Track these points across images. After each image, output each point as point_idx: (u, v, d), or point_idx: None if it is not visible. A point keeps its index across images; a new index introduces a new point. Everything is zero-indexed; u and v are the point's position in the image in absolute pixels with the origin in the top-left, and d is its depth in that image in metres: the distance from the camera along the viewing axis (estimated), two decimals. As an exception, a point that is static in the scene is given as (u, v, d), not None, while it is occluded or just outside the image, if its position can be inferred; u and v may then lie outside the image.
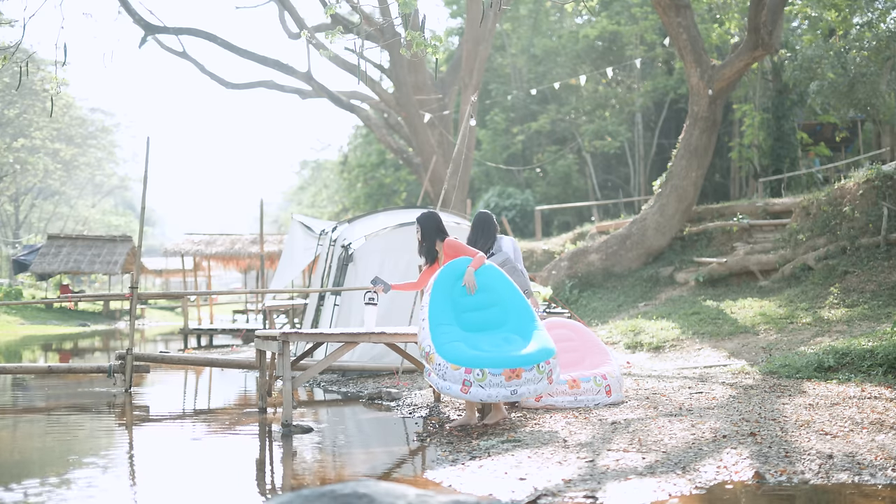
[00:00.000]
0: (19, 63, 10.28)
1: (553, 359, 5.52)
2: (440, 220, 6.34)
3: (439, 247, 6.24)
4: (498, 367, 5.36)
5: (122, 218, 54.74)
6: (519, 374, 5.38)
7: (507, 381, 5.35)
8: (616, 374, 6.45)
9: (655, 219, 15.18)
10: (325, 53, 14.52)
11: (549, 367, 5.49)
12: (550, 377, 5.49)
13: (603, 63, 25.85)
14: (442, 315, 5.70)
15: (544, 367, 5.45)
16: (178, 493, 4.26)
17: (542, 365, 5.43)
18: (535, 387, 5.43)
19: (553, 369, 5.51)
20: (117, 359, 8.31)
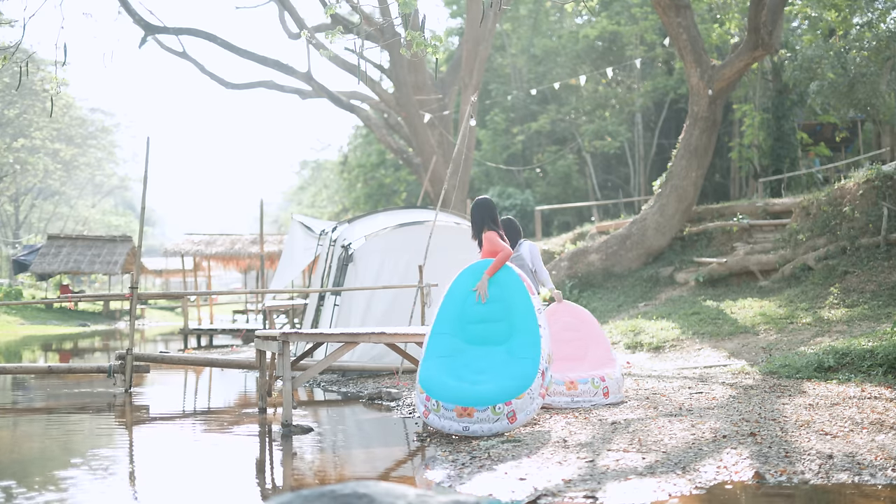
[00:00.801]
0: (19, 63, 10.28)
1: (518, 399, 5.26)
2: (488, 208, 6.03)
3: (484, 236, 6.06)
4: (451, 403, 5.31)
5: (122, 218, 54.74)
6: (471, 413, 5.28)
7: (459, 418, 5.30)
8: (615, 376, 6.45)
9: (655, 219, 15.18)
10: (325, 53, 14.52)
11: (510, 409, 5.24)
12: (513, 417, 5.24)
13: (603, 63, 25.86)
14: (445, 323, 5.68)
15: (501, 409, 5.23)
16: (178, 493, 4.26)
17: (498, 406, 5.23)
18: (490, 426, 5.27)
19: (516, 410, 5.25)
20: (117, 359, 8.31)
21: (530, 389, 5.31)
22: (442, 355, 5.58)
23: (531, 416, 5.35)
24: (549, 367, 5.57)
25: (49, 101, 34.62)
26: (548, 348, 5.54)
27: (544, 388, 5.47)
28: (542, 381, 5.43)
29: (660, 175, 16.26)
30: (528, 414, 5.33)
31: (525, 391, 5.29)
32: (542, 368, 5.43)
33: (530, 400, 5.32)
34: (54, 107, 25.62)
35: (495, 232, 5.93)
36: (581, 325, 6.85)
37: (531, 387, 5.32)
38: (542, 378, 5.42)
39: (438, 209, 9.66)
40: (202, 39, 20.84)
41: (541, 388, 5.41)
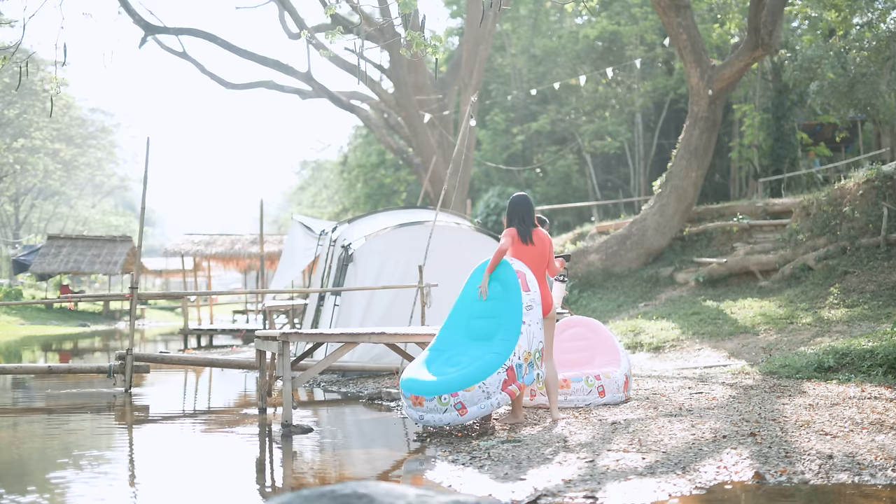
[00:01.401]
0: (19, 63, 10.28)
1: (467, 391, 5.30)
2: (518, 206, 5.92)
3: None
4: (407, 391, 5.53)
5: (122, 218, 54.73)
6: (421, 402, 5.44)
7: (414, 406, 5.49)
8: (614, 375, 6.44)
9: (655, 219, 15.18)
10: (325, 54, 14.53)
11: (458, 400, 5.31)
12: (462, 409, 5.32)
13: (603, 63, 25.85)
14: (454, 317, 5.89)
15: (447, 400, 5.32)
16: (178, 493, 4.26)
17: (444, 397, 5.32)
18: (441, 416, 5.36)
19: (465, 402, 5.31)
20: (117, 359, 8.31)
21: (483, 383, 5.31)
22: (435, 348, 5.79)
23: (487, 410, 5.36)
24: (531, 365, 5.52)
25: (49, 102, 34.60)
26: (528, 346, 5.50)
27: (518, 384, 5.45)
28: (510, 378, 5.40)
29: (660, 175, 16.25)
30: (483, 408, 5.34)
31: (475, 384, 5.30)
32: (511, 364, 5.41)
33: (483, 394, 5.32)
34: (54, 107, 25.62)
35: (511, 229, 5.90)
36: (591, 335, 6.88)
37: (485, 381, 5.32)
38: (507, 374, 5.39)
39: (438, 209, 9.66)
40: (202, 39, 20.85)
41: (509, 385, 5.41)
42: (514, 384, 5.44)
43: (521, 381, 5.49)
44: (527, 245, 5.83)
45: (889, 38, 15.92)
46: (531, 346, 5.53)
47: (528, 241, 5.83)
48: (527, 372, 5.51)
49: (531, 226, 5.89)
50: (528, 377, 5.52)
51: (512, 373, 5.42)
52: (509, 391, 5.42)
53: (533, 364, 5.55)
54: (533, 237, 5.86)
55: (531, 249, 5.83)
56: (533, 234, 5.87)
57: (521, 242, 5.83)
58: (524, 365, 5.49)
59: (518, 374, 5.46)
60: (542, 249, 5.87)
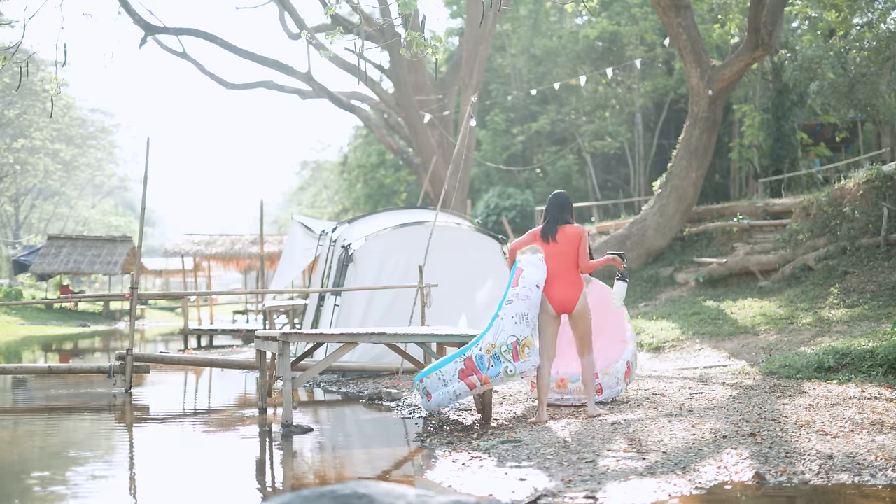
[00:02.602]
0: (19, 63, 10.29)
1: (428, 378, 5.76)
2: (549, 204, 6.06)
3: None
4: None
5: (122, 218, 54.72)
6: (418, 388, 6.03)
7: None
8: (614, 368, 6.42)
9: (655, 219, 15.18)
10: (325, 54, 14.51)
11: (424, 386, 5.84)
12: (428, 396, 5.82)
13: (603, 63, 25.84)
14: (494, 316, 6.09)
15: (419, 385, 5.89)
16: (178, 493, 4.26)
17: (417, 382, 5.92)
18: (420, 401, 5.91)
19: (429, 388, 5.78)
20: (117, 359, 8.31)
21: (440, 371, 5.69)
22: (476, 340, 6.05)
23: (446, 398, 5.73)
24: (495, 357, 5.53)
25: (49, 102, 34.58)
26: (494, 338, 5.53)
27: (480, 376, 5.55)
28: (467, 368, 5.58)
29: (660, 175, 16.25)
30: (443, 395, 5.72)
31: (433, 372, 5.73)
32: (471, 355, 5.59)
33: (440, 382, 5.68)
34: (54, 107, 25.61)
35: (537, 227, 6.06)
36: (602, 309, 6.78)
37: (442, 369, 5.69)
38: (464, 364, 5.59)
39: (438, 209, 9.66)
40: (202, 40, 20.85)
41: (468, 376, 5.58)
42: (475, 374, 5.56)
43: (485, 374, 5.54)
44: (548, 243, 5.88)
45: (889, 39, 15.92)
46: (497, 338, 5.53)
47: (551, 240, 5.88)
48: (491, 364, 5.52)
49: (558, 223, 5.93)
50: (493, 370, 5.53)
51: (470, 363, 5.57)
52: (468, 382, 5.59)
53: (498, 357, 5.51)
54: (558, 235, 5.89)
55: (553, 247, 5.87)
56: (559, 231, 5.89)
57: (543, 241, 5.92)
58: (486, 357, 5.52)
59: (479, 365, 5.54)
60: (568, 247, 5.85)
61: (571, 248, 5.86)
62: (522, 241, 6.00)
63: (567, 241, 5.86)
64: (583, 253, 5.86)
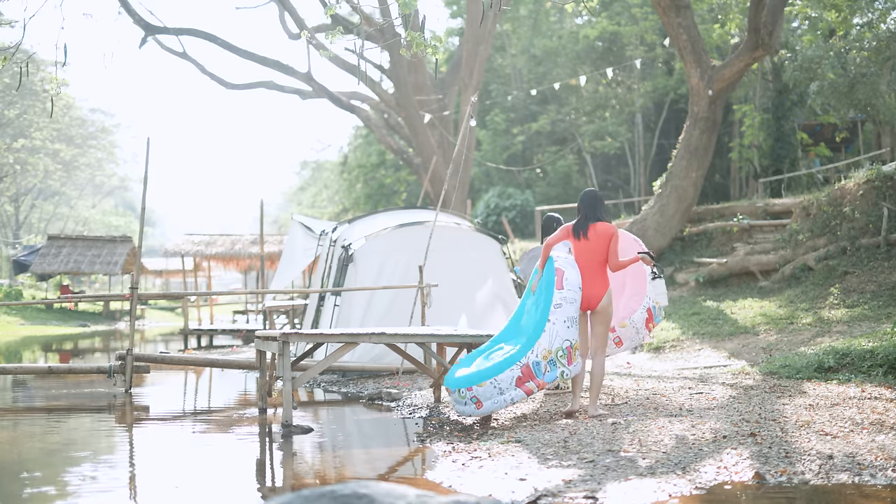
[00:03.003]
0: (19, 63, 10.28)
1: (479, 387, 5.49)
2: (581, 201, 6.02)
3: None
4: (444, 384, 5.91)
5: (122, 218, 54.70)
6: (448, 393, 5.84)
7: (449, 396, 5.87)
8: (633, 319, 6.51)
9: (655, 219, 15.17)
10: (325, 54, 14.51)
11: (472, 395, 5.53)
12: (478, 403, 5.53)
13: (603, 63, 25.83)
14: (517, 311, 6.14)
15: (465, 394, 5.57)
16: (178, 493, 4.26)
17: (462, 391, 5.58)
18: (463, 408, 5.63)
19: (479, 397, 5.52)
20: (117, 359, 8.31)
21: (495, 379, 5.49)
22: (493, 339, 6.08)
23: (501, 406, 5.53)
24: (552, 363, 5.54)
25: (49, 102, 34.54)
26: (549, 344, 5.54)
27: (536, 382, 5.51)
28: (525, 375, 5.49)
29: (660, 175, 16.25)
30: (497, 403, 5.52)
31: (487, 380, 5.50)
32: (528, 362, 5.50)
33: (495, 390, 5.49)
34: (54, 107, 25.61)
35: (568, 224, 6.05)
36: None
37: (497, 377, 5.49)
38: (521, 371, 5.49)
39: (438, 209, 9.66)
40: (202, 40, 20.86)
41: (525, 382, 5.50)
42: (532, 381, 5.52)
43: (541, 380, 5.53)
44: (580, 240, 5.89)
45: (889, 39, 15.91)
46: (553, 344, 5.56)
47: (583, 237, 5.88)
48: (547, 370, 5.54)
49: (591, 220, 5.90)
50: (549, 375, 5.55)
51: (528, 370, 5.50)
52: (525, 388, 5.50)
53: (555, 362, 5.55)
54: (588, 232, 5.87)
55: (584, 244, 5.87)
56: (590, 228, 5.87)
57: (574, 237, 5.93)
58: (543, 363, 5.53)
59: (536, 371, 5.51)
60: (599, 244, 5.84)
61: (602, 245, 5.85)
62: (556, 237, 5.97)
63: (598, 239, 5.86)
64: (613, 251, 5.85)
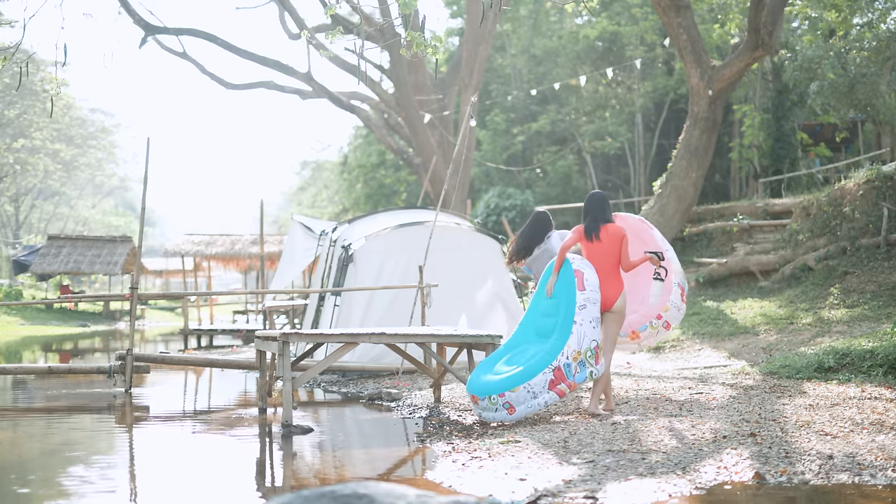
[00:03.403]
0: (19, 63, 10.28)
1: (512, 392, 5.49)
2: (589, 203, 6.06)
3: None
4: (467, 390, 5.84)
5: (122, 218, 54.70)
6: (476, 401, 5.76)
7: (473, 404, 5.81)
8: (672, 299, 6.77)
9: (655, 219, 15.17)
10: (325, 54, 14.52)
11: (505, 401, 5.52)
12: (511, 409, 5.54)
13: (603, 63, 25.82)
14: (528, 313, 6.13)
15: (496, 400, 5.55)
16: (178, 493, 4.26)
17: (493, 397, 5.56)
18: (494, 415, 5.62)
19: (512, 402, 5.51)
20: (117, 359, 8.31)
21: (528, 384, 5.49)
22: (507, 344, 6.09)
23: (534, 410, 5.55)
24: (581, 364, 5.59)
25: (49, 102, 34.54)
26: (578, 345, 5.60)
27: (568, 383, 5.56)
28: (557, 378, 5.52)
29: (660, 175, 16.25)
30: (530, 408, 5.53)
31: (520, 385, 5.49)
32: (559, 364, 5.54)
33: (529, 394, 5.49)
34: (54, 107, 25.61)
35: (579, 226, 6.09)
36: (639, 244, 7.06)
37: (530, 381, 5.49)
38: (553, 374, 5.52)
39: (438, 210, 9.66)
40: (202, 40, 20.87)
41: (557, 385, 5.54)
42: (563, 383, 5.57)
43: (572, 381, 5.58)
44: (592, 242, 5.95)
45: (889, 39, 15.91)
46: (581, 345, 5.62)
47: (595, 238, 5.93)
48: (577, 371, 5.60)
49: (601, 222, 5.96)
50: (580, 376, 5.61)
51: (559, 373, 5.55)
52: (558, 391, 5.56)
53: (584, 363, 5.62)
54: (601, 234, 5.93)
55: (597, 246, 5.93)
56: (601, 230, 5.93)
57: (587, 239, 5.98)
58: (573, 364, 5.59)
59: (567, 373, 5.57)
60: (611, 246, 5.91)
61: (614, 247, 5.92)
62: (572, 239, 6.00)
63: (610, 240, 5.92)
64: (625, 252, 5.93)
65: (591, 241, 5.96)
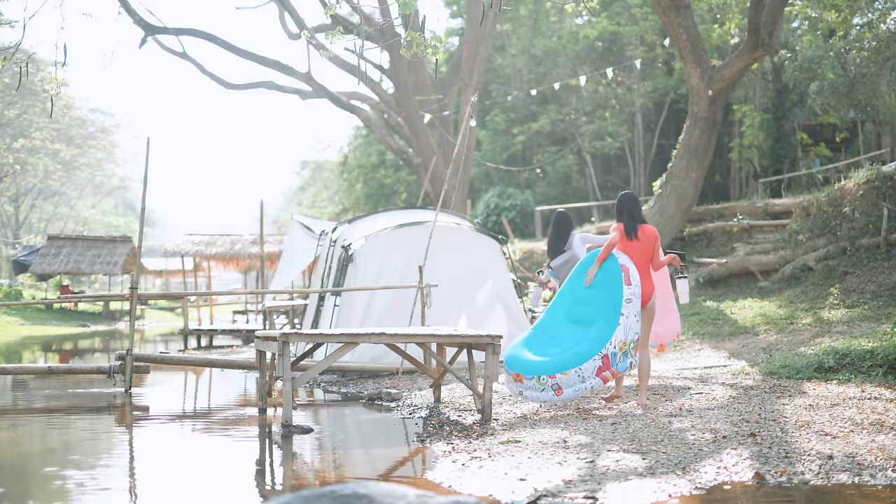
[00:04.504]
0: (19, 63, 10.28)
1: (564, 374, 5.79)
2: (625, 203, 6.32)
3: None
4: (510, 368, 6.07)
5: (122, 218, 54.69)
6: (521, 379, 5.94)
7: (515, 382, 6.04)
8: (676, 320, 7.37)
9: (655, 219, 15.17)
10: (325, 54, 14.50)
11: (555, 382, 5.83)
12: (558, 390, 5.82)
13: (603, 63, 25.82)
14: (559, 298, 6.34)
15: (545, 381, 5.85)
16: (178, 493, 4.26)
17: (542, 377, 5.85)
18: (539, 394, 5.88)
19: (561, 384, 5.81)
20: (117, 359, 8.31)
21: (579, 368, 5.83)
22: (538, 327, 6.29)
23: (581, 393, 5.90)
24: (625, 354, 5.95)
25: (49, 102, 34.55)
26: (625, 336, 5.93)
27: (612, 371, 5.90)
28: (604, 364, 5.87)
29: (660, 176, 16.25)
30: (577, 391, 5.87)
31: (572, 368, 5.82)
32: (607, 353, 5.87)
33: (578, 378, 5.84)
34: (54, 107, 25.60)
35: (619, 224, 6.32)
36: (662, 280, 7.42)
37: (581, 366, 5.83)
38: (601, 361, 5.86)
39: (438, 210, 9.66)
40: (202, 40, 20.86)
41: (603, 371, 5.88)
42: (608, 370, 5.92)
43: (615, 369, 5.93)
44: (631, 240, 6.22)
45: (889, 39, 15.91)
46: (627, 336, 5.96)
47: (633, 237, 6.22)
48: (621, 360, 5.96)
49: (638, 222, 6.26)
50: (622, 365, 5.97)
51: (607, 360, 5.91)
52: (603, 377, 5.91)
53: (627, 353, 5.98)
54: (638, 233, 6.22)
55: (635, 244, 6.22)
56: (638, 230, 6.23)
57: (626, 238, 6.23)
58: (619, 354, 5.95)
59: (612, 361, 5.93)
60: (647, 245, 6.22)
61: (650, 245, 6.23)
62: (616, 237, 6.20)
63: (647, 239, 6.24)
64: (657, 252, 6.28)
65: (629, 239, 6.24)
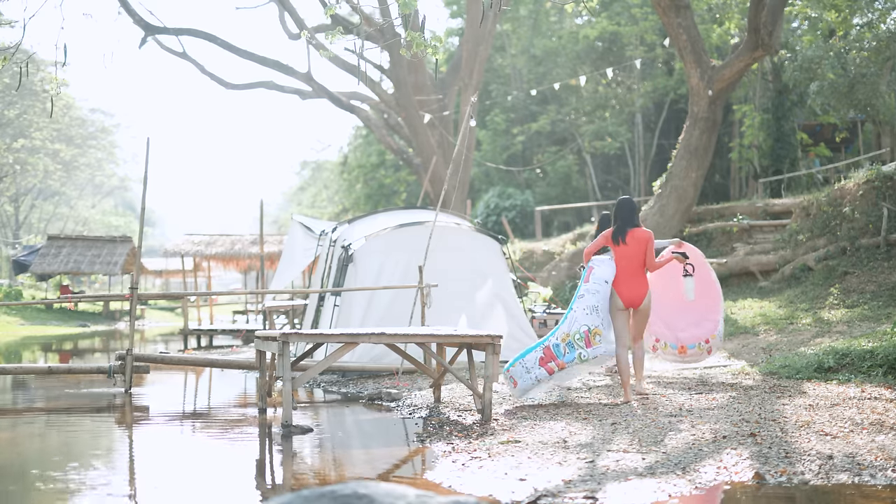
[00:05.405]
0: (19, 64, 10.28)
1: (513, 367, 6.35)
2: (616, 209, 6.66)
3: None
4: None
5: (122, 218, 54.68)
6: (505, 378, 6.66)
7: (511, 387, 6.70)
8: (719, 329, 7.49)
9: (655, 219, 15.18)
10: (325, 54, 14.50)
11: (510, 375, 6.43)
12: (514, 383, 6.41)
13: (603, 63, 25.82)
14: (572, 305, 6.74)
15: (508, 374, 6.48)
16: (178, 493, 4.26)
17: (506, 372, 6.48)
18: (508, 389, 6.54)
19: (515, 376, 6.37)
20: (117, 359, 8.30)
21: (523, 360, 6.35)
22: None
23: (531, 383, 6.34)
24: (570, 345, 6.23)
25: (49, 102, 34.54)
26: (568, 329, 6.28)
27: (557, 362, 6.22)
28: (546, 356, 6.24)
29: (660, 176, 16.25)
30: (527, 381, 6.33)
31: (517, 362, 6.39)
32: (548, 344, 6.29)
33: (524, 369, 6.32)
34: (54, 107, 25.61)
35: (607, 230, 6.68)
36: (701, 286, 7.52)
37: (524, 358, 6.35)
38: (543, 352, 6.28)
39: (438, 210, 9.66)
40: (202, 40, 20.87)
41: (547, 363, 6.24)
42: (553, 362, 6.25)
43: (561, 360, 6.26)
44: (618, 245, 6.54)
45: (889, 39, 15.91)
46: (571, 328, 6.29)
47: (621, 242, 6.52)
48: (566, 352, 6.27)
49: (628, 226, 6.53)
50: (569, 356, 6.27)
51: (549, 351, 6.29)
52: (547, 368, 6.26)
53: (573, 345, 6.26)
54: (627, 238, 6.51)
55: (623, 249, 6.52)
56: (628, 234, 6.52)
57: (613, 243, 6.57)
58: (562, 345, 6.28)
59: (556, 353, 6.27)
60: (636, 249, 6.49)
61: (640, 249, 6.49)
62: (596, 244, 6.63)
63: (636, 244, 6.49)
64: (650, 254, 6.52)
65: (617, 244, 6.54)
